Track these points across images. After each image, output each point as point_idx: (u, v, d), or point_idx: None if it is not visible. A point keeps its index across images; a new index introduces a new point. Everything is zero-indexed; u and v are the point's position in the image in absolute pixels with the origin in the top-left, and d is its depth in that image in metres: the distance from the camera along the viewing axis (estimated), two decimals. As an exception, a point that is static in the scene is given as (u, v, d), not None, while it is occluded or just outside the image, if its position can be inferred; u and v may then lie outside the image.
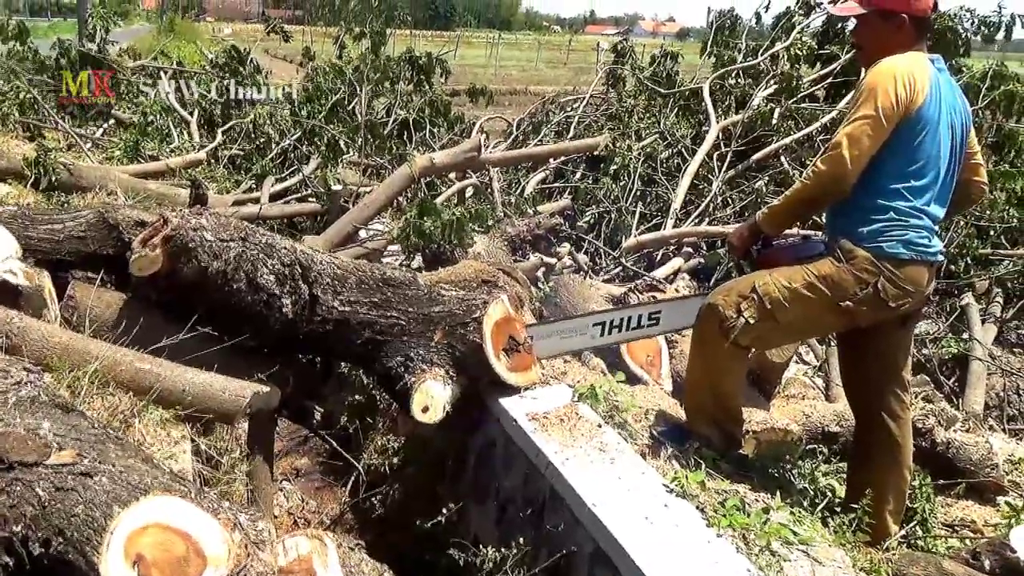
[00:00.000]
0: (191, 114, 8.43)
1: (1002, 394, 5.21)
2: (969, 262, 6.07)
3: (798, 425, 3.72)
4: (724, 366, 3.05)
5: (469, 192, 6.65)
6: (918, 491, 3.21)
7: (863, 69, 2.94)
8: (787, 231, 3.19)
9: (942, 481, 3.51)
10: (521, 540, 2.74)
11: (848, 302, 2.81)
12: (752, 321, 2.90)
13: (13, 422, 1.63)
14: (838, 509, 3.04)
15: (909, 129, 2.74)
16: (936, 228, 2.89)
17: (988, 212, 6.22)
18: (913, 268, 2.80)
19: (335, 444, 4.07)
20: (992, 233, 6.26)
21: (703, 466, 2.90)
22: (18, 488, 1.52)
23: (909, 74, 2.72)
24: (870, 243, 2.80)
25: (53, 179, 5.28)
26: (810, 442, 3.71)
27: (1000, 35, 6.98)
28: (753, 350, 3.28)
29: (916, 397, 4.14)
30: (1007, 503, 3.47)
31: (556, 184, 7.29)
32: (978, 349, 5.23)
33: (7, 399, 1.71)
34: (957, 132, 2.88)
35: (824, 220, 3.11)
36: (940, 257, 2.92)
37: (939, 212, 2.88)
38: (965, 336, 5.41)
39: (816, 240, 3.07)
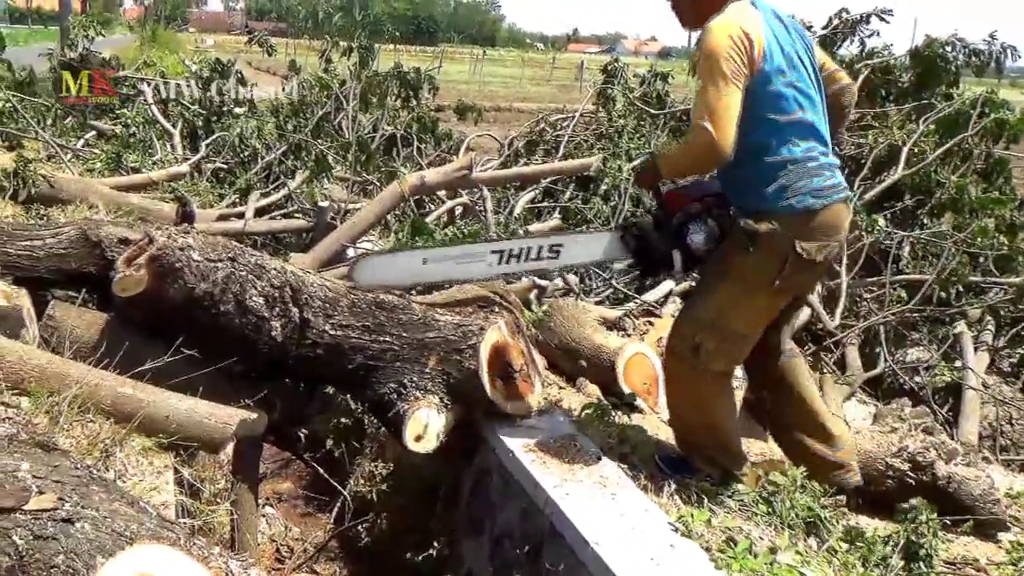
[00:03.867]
0: (174, 126, 8.30)
1: (995, 424, 5.17)
2: (961, 290, 6.03)
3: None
4: (709, 396, 2.99)
5: (458, 211, 6.56)
6: (925, 526, 3.13)
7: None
8: None
9: (947, 519, 3.43)
10: (518, 578, 2.64)
11: (778, 280, 2.78)
12: (712, 346, 2.86)
13: (-11, 463, 1.51)
14: (843, 546, 2.96)
15: (764, 84, 2.72)
16: (835, 161, 2.88)
17: (979, 239, 6.19)
18: (827, 213, 2.78)
19: (320, 469, 3.95)
20: (983, 260, 6.24)
21: (706, 502, 2.81)
22: (-7, 536, 1.40)
23: (740, 31, 2.67)
24: (779, 204, 2.76)
25: (32, 191, 5.14)
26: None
27: (991, 66, 6.99)
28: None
29: (916, 428, 4.07)
30: (1011, 541, 3.40)
31: (545, 204, 7.21)
32: (972, 378, 5.18)
33: (-17, 437, 1.59)
34: (807, 61, 2.86)
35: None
36: (848, 192, 2.90)
37: (827, 140, 2.88)
38: (958, 364, 5.37)
39: None
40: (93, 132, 8.24)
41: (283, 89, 9.13)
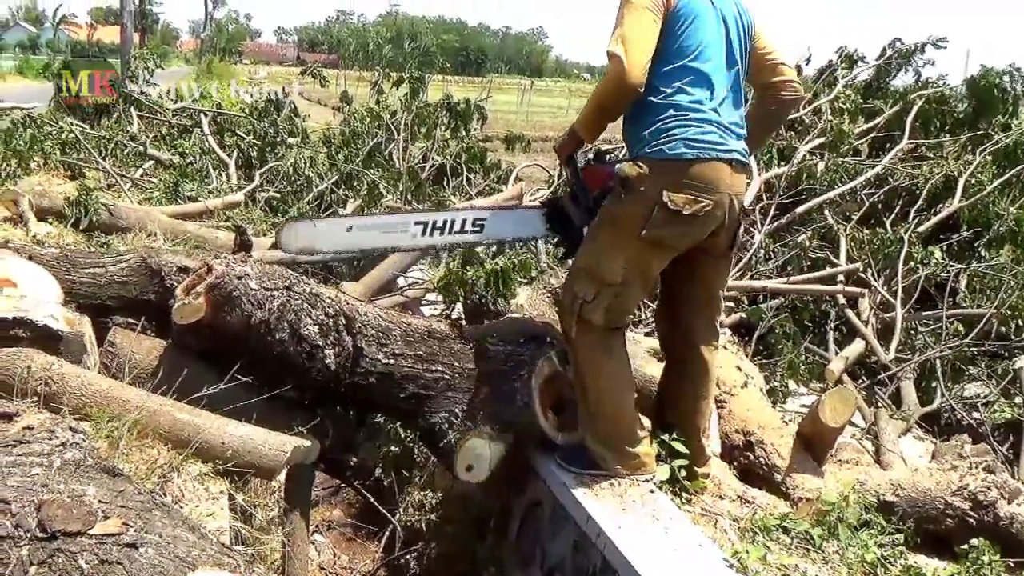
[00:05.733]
0: (229, 155, 8.46)
1: (1059, 462, 5.02)
2: (1021, 324, 5.88)
3: (853, 493, 3.56)
4: (595, 355, 2.95)
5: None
6: (987, 568, 3.04)
7: None
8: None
9: (1011, 560, 3.33)
10: (569, 612, 2.61)
11: (645, 230, 2.74)
12: (590, 297, 2.85)
13: (57, 487, 1.54)
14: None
15: (672, 23, 2.74)
16: (732, 129, 2.83)
17: (1040, 273, 6.04)
18: (701, 167, 2.73)
19: (371, 497, 3.96)
20: (1043, 294, 6.08)
21: (762, 537, 2.76)
22: (60, 560, 1.42)
23: None
24: (652, 147, 2.74)
25: (94, 219, 5.27)
26: (865, 511, 3.56)
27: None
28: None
29: (976, 466, 3.97)
30: (1078, 585, 3.29)
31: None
32: (1033, 414, 5.04)
33: (52, 462, 1.63)
34: (736, 31, 2.87)
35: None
36: (737, 155, 2.83)
37: (731, 113, 2.84)
38: (1018, 400, 5.22)
39: None
40: (151, 162, 8.44)
41: (332, 120, 9.26)
